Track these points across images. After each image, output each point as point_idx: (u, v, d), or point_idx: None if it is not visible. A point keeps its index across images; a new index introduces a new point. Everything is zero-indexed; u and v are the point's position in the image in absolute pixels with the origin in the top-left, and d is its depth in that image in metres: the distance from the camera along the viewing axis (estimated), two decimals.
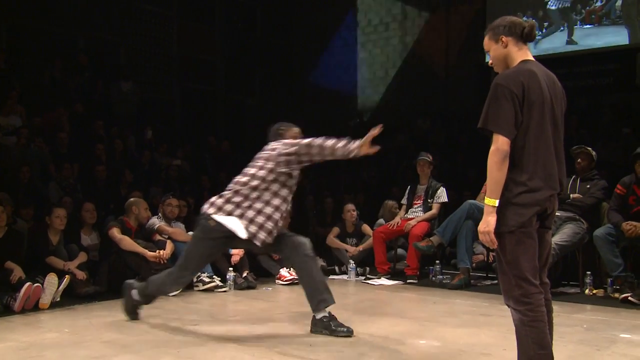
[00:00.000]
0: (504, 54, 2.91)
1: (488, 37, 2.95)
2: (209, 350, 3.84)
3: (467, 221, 6.19)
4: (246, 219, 4.21)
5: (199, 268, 4.83)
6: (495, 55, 2.94)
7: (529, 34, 2.88)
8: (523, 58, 2.86)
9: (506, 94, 2.72)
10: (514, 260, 2.74)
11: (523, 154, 2.74)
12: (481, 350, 3.78)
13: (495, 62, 2.96)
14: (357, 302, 5.82)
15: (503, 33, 2.89)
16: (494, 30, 2.92)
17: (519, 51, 2.88)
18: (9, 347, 3.94)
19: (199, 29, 14.62)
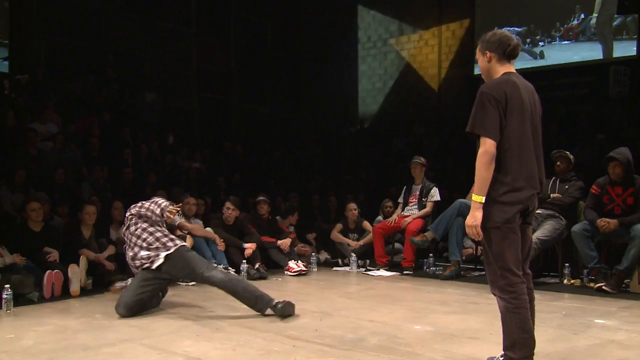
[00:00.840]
0: (487, 67, 2.93)
1: (478, 49, 2.97)
2: (225, 334, 3.86)
3: (458, 218, 6.19)
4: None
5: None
6: (482, 67, 2.97)
7: (511, 53, 2.89)
8: (505, 71, 2.88)
9: (491, 101, 2.73)
10: (500, 253, 2.76)
11: (507, 156, 2.75)
12: (470, 335, 3.79)
13: (481, 71, 2.99)
14: (359, 291, 5.83)
15: (488, 48, 2.90)
16: (483, 43, 2.94)
17: (501, 66, 2.90)
18: (48, 331, 3.98)
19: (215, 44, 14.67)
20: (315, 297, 5.29)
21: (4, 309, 4.53)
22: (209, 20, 14.43)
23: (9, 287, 4.58)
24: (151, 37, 13.18)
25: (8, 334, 3.89)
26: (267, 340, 3.69)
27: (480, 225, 2.74)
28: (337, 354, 3.38)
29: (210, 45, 14.48)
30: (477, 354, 3.32)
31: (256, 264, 6.44)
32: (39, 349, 3.52)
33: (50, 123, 8.83)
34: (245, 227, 6.84)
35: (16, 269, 5.16)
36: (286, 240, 6.95)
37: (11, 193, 6.80)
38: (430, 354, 3.36)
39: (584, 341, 3.64)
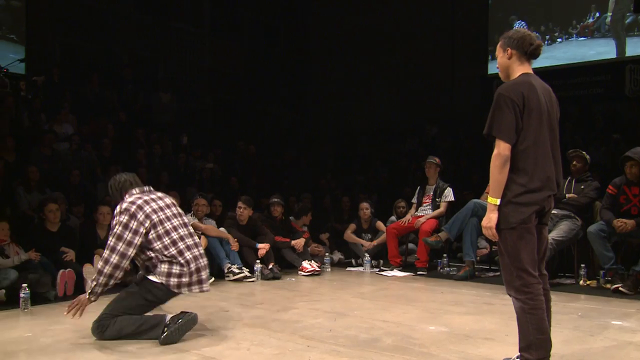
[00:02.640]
0: (506, 64, 2.91)
1: (499, 45, 2.95)
2: (240, 334, 3.87)
3: (472, 218, 6.17)
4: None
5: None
6: (500, 63, 2.94)
7: (533, 52, 2.87)
8: (523, 72, 2.86)
9: (508, 103, 2.72)
10: (515, 254, 2.74)
11: (523, 157, 2.74)
12: (485, 336, 3.77)
13: (499, 68, 2.96)
14: (372, 291, 5.82)
15: (510, 45, 2.88)
16: (504, 39, 2.92)
17: (520, 65, 2.88)
18: (66, 329, 4.01)
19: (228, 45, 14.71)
20: (328, 297, 5.29)
21: (22, 308, 4.59)
22: (222, 21, 14.49)
23: (26, 286, 4.64)
24: (165, 38, 13.25)
25: (26, 333, 3.94)
26: (282, 340, 3.70)
27: (496, 226, 2.73)
28: (351, 354, 3.38)
29: (223, 46, 14.53)
30: (492, 355, 3.31)
31: (270, 264, 6.45)
32: (56, 347, 3.56)
33: (66, 124, 8.92)
34: (259, 227, 6.86)
35: (32, 267, 5.22)
36: (300, 241, 6.96)
37: (27, 193, 6.88)
38: (445, 354, 3.35)
39: (600, 343, 3.61)
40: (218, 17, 14.41)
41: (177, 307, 4.71)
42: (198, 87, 13.88)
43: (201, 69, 14.08)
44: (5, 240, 5.23)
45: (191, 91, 13.49)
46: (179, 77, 13.33)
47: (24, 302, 4.59)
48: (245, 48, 14.98)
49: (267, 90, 14.92)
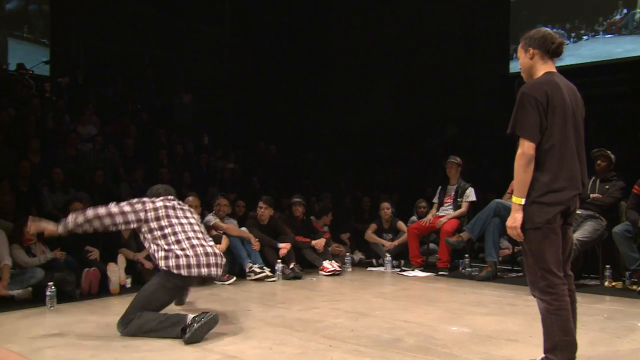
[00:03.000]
0: (529, 64, 2.88)
1: (520, 45, 2.92)
2: (262, 333, 3.89)
3: (494, 218, 6.12)
4: None
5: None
6: (522, 64, 2.91)
7: (555, 51, 2.84)
8: (546, 70, 2.83)
9: (531, 102, 2.69)
10: (540, 254, 2.72)
11: (548, 156, 2.71)
12: (508, 337, 3.74)
13: (522, 68, 2.93)
14: (393, 291, 5.81)
15: (531, 45, 2.85)
16: (525, 40, 2.89)
17: (543, 64, 2.84)
18: (89, 327, 4.08)
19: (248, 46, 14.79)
20: (349, 297, 5.29)
21: (48, 306, 4.67)
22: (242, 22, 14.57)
23: (52, 285, 4.71)
24: (186, 40, 13.36)
25: (52, 330, 4.00)
26: (303, 339, 3.71)
27: (520, 226, 2.71)
28: (373, 354, 3.37)
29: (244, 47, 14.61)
30: (516, 356, 3.28)
31: (291, 263, 6.47)
32: (82, 344, 3.61)
33: (89, 125, 9.04)
34: (279, 226, 6.88)
35: (58, 265, 5.31)
36: (320, 240, 6.96)
37: (52, 193, 6.98)
38: (468, 355, 3.33)
39: (627, 345, 3.56)
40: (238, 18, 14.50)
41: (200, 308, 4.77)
42: (218, 87, 13.96)
43: (222, 70, 14.17)
44: (32, 239, 5.32)
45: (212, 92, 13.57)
46: (200, 78, 13.43)
47: (50, 300, 4.67)
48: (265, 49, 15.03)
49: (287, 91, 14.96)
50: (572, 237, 2.97)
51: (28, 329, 4.06)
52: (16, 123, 8.28)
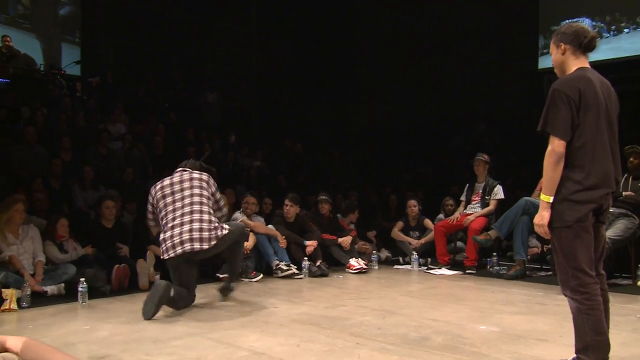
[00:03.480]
0: (561, 60, 2.82)
1: (552, 41, 2.87)
2: (289, 330, 3.90)
3: (523, 216, 6.02)
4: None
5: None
6: (554, 59, 2.86)
7: (588, 45, 2.78)
8: (579, 66, 2.77)
9: (563, 99, 2.64)
10: (571, 253, 2.67)
11: (580, 154, 2.66)
12: (538, 336, 3.68)
13: (554, 64, 2.88)
14: (421, 289, 5.77)
15: (563, 40, 2.80)
16: (557, 36, 2.84)
17: (576, 60, 2.79)
18: (120, 323, 4.14)
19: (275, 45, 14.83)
20: (376, 295, 5.28)
21: (80, 301, 4.75)
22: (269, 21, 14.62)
23: (84, 281, 4.80)
24: (213, 39, 13.48)
25: (84, 325, 4.08)
26: (331, 337, 3.70)
27: (549, 224, 2.66)
28: (401, 352, 3.35)
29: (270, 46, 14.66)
30: (546, 356, 3.23)
31: (317, 261, 6.47)
32: (113, 340, 3.66)
33: (119, 124, 9.18)
34: (306, 224, 6.89)
35: (89, 262, 5.41)
36: (347, 238, 6.96)
37: (83, 191, 7.11)
38: (497, 354, 3.29)
39: None
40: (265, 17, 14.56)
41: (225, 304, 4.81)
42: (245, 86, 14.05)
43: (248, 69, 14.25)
44: (65, 236, 5.44)
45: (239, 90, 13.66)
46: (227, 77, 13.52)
47: (81, 296, 4.75)
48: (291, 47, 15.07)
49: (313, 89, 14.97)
50: (605, 236, 2.91)
51: (61, 324, 4.14)
52: (48, 122, 8.46)
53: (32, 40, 11.42)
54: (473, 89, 13.55)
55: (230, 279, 5.07)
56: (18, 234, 5.17)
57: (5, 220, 5.10)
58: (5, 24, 11.21)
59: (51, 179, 7.01)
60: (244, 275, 6.04)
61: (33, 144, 7.49)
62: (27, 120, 8.30)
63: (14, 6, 11.45)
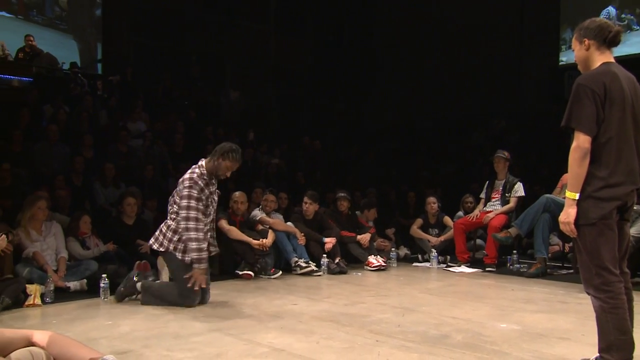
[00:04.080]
0: (585, 55, 2.78)
1: (575, 37, 2.82)
2: (308, 327, 3.90)
3: (544, 214, 5.96)
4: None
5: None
6: (578, 55, 2.82)
7: (612, 40, 2.73)
8: (604, 61, 2.73)
9: (588, 94, 2.60)
10: (595, 251, 2.63)
11: (605, 150, 2.62)
12: (560, 335, 3.64)
13: (577, 61, 2.83)
14: (440, 287, 5.74)
15: (587, 36, 2.76)
16: (580, 31, 2.79)
17: (600, 55, 2.74)
18: (141, 318, 4.18)
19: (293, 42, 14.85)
20: (395, 293, 5.26)
21: (102, 297, 4.80)
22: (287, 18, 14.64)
23: (105, 277, 4.85)
24: (231, 37, 13.53)
25: (106, 321, 4.12)
26: (350, 334, 3.70)
27: (574, 221, 2.63)
28: (421, 349, 3.34)
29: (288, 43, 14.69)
30: (568, 355, 3.19)
31: (336, 258, 6.47)
32: (134, 335, 3.70)
33: (139, 121, 9.26)
34: (325, 221, 6.90)
35: (110, 258, 5.47)
36: (366, 235, 6.95)
37: (104, 188, 7.19)
38: (518, 353, 3.26)
39: None
40: (283, 15, 14.58)
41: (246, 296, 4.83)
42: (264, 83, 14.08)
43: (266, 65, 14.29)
44: (87, 233, 5.51)
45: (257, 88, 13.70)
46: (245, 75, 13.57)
47: (103, 292, 4.81)
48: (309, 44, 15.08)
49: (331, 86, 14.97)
50: (629, 234, 2.87)
51: (83, 319, 4.19)
52: (70, 120, 8.56)
53: (68, 41, 11.72)
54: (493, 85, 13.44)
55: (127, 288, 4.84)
56: (41, 231, 5.26)
57: (28, 217, 5.18)
58: (43, 25, 11.51)
59: (73, 176, 7.10)
60: (263, 272, 6.06)
61: (55, 142, 7.59)
62: (50, 118, 8.42)
63: (51, 7, 11.69)
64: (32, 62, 10.21)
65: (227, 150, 4.64)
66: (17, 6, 11.33)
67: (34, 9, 11.53)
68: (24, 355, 1.73)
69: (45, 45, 10.87)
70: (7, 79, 9.80)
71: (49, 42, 11.13)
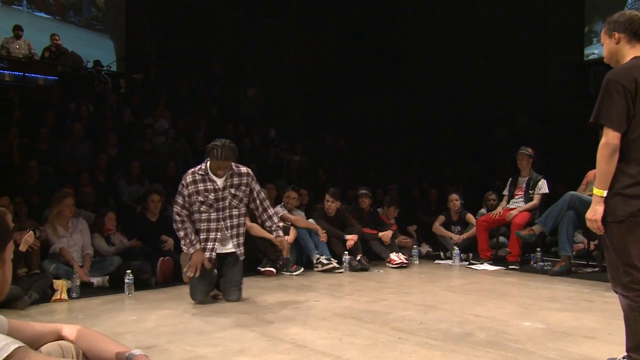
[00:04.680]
0: (615, 49, 2.72)
1: (604, 31, 2.76)
2: (331, 323, 3.91)
3: (569, 211, 5.88)
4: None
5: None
6: (608, 50, 2.76)
7: None
8: (635, 55, 2.67)
9: (618, 89, 2.55)
10: (623, 249, 2.59)
11: (635, 146, 2.56)
12: (586, 334, 3.59)
13: (607, 55, 2.77)
14: (462, 285, 5.70)
15: (617, 29, 2.70)
16: (609, 25, 2.74)
17: (631, 49, 2.69)
18: (166, 314, 4.24)
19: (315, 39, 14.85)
20: (418, 290, 5.25)
21: (127, 293, 4.87)
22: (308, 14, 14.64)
23: (130, 273, 4.92)
24: (253, 34, 13.58)
25: (131, 316, 4.18)
26: (373, 331, 3.70)
27: (601, 219, 2.59)
28: (444, 347, 3.33)
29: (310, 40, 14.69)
30: (594, 354, 3.15)
31: (358, 255, 6.47)
32: (159, 331, 3.75)
33: (162, 119, 9.34)
34: (346, 218, 6.89)
35: (134, 254, 5.54)
36: (387, 232, 6.93)
37: (128, 185, 7.27)
38: (543, 351, 3.22)
39: None
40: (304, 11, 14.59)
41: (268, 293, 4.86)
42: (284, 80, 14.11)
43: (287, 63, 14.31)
44: (112, 229, 5.58)
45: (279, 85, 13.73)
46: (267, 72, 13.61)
47: (128, 288, 4.87)
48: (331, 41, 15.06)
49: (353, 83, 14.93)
50: None
51: (109, 314, 4.26)
52: (94, 118, 8.68)
53: (105, 41, 11.92)
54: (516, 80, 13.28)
55: None
56: (68, 227, 5.35)
57: (55, 213, 5.27)
58: (80, 25, 11.75)
59: (97, 172, 7.20)
60: (284, 268, 6.09)
61: (80, 140, 7.70)
62: (74, 116, 8.54)
63: (87, 8, 11.93)
64: (57, 61, 10.37)
65: (210, 149, 4.62)
66: (55, 7, 11.57)
67: (71, 10, 11.77)
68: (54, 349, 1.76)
69: (81, 45, 11.13)
70: (33, 78, 9.97)
71: (86, 42, 11.41)
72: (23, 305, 4.31)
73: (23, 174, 6.52)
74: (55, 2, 11.60)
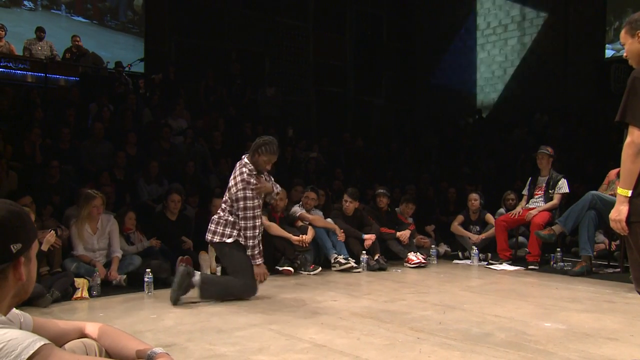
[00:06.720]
0: (638, 49, 2.68)
1: (625, 31, 2.72)
2: (349, 323, 3.90)
3: (590, 211, 5.80)
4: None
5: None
6: (630, 50, 2.71)
7: None
8: None
9: None
10: None
11: None
12: (607, 335, 3.55)
13: (630, 55, 2.72)
14: (481, 285, 5.66)
15: (639, 28, 2.66)
16: (631, 24, 2.69)
17: None
18: (185, 313, 4.26)
19: (332, 39, 14.84)
20: (436, 290, 5.22)
21: (146, 292, 4.92)
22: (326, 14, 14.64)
23: (149, 272, 4.96)
24: (270, 34, 13.61)
25: (151, 315, 4.22)
26: (391, 331, 3.69)
27: (625, 219, 2.55)
28: (463, 347, 3.31)
29: (327, 39, 14.69)
30: (617, 355, 3.11)
31: (376, 255, 6.46)
32: (178, 329, 3.78)
33: (180, 119, 9.40)
34: (364, 218, 6.89)
35: (153, 254, 5.58)
36: (405, 232, 6.91)
37: (147, 184, 7.34)
38: (564, 353, 3.19)
39: None
40: (322, 10, 14.59)
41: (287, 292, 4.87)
42: (302, 79, 14.12)
43: (305, 62, 14.32)
44: (132, 229, 5.63)
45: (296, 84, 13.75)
46: (284, 71, 13.63)
47: (147, 286, 4.92)
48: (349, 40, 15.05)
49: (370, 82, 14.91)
50: None
51: (129, 312, 4.30)
52: (114, 118, 8.76)
53: (140, 44, 12.05)
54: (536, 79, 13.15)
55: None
56: (96, 229, 5.34)
57: (85, 215, 5.27)
58: (116, 29, 11.97)
59: (115, 170, 7.28)
60: (302, 268, 6.10)
61: (100, 140, 7.78)
62: (95, 116, 8.64)
63: (124, 12, 12.11)
64: (78, 62, 10.49)
65: (260, 145, 4.68)
66: (92, 11, 11.79)
67: (108, 14, 11.98)
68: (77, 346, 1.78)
69: (116, 49, 11.43)
70: (55, 79, 10.10)
71: (122, 45, 11.60)
72: (45, 303, 4.37)
73: (45, 174, 6.61)
74: (92, 6, 11.80)
